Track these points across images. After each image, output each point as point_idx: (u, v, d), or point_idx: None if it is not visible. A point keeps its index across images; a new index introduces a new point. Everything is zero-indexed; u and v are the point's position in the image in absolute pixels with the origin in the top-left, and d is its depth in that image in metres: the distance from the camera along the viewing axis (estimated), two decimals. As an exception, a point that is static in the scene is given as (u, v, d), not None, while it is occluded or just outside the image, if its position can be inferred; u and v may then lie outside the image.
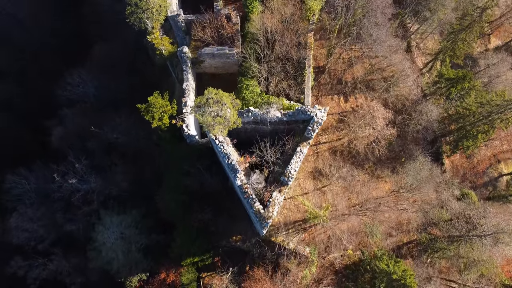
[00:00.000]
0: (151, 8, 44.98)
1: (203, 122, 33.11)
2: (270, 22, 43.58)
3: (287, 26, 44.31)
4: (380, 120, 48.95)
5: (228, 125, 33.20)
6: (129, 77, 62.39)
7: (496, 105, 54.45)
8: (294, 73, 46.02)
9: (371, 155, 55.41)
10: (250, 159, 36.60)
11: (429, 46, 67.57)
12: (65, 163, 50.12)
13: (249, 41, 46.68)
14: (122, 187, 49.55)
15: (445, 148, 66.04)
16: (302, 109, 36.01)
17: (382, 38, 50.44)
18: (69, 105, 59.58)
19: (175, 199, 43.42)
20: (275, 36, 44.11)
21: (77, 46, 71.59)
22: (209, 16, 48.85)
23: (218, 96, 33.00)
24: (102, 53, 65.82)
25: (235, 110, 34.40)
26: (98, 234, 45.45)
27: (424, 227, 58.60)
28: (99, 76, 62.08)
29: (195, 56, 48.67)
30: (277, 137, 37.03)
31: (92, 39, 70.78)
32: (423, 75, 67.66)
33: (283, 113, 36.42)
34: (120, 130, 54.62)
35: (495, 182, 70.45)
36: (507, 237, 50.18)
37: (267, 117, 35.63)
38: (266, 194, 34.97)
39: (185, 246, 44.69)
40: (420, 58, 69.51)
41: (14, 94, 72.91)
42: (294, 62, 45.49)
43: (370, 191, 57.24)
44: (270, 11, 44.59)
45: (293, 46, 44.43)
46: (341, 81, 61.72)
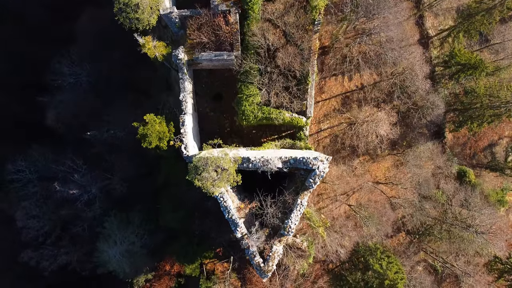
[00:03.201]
0: (141, 16, 40.80)
1: (202, 187, 32.37)
2: (271, 35, 39.98)
3: (289, 39, 40.77)
4: (384, 126, 47.49)
5: (227, 184, 32.52)
6: (124, 58, 58.75)
7: (506, 102, 52.59)
8: (296, 84, 43.52)
9: (372, 151, 55.18)
10: (251, 206, 36.51)
11: (443, 21, 62.58)
12: (64, 168, 49.73)
13: (249, 48, 43.29)
14: (122, 192, 49.87)
15: (449, 125, 65.26)
16: (304, 160, 34.86)
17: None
18: (60, 91, 57.06)
19: (175, 218, 44.13)
20: (277, 47, 40.84)
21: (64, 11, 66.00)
22: (205, 13, 44.58)
23: (218, 161, 31.72)
24: (92, 27, 60.65)
25: (236, 165, 33.39)
26: (103, 245, 47.07)
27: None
28: (90, 57, 58.36)
29: (191, 58, 45.53)
30: (278, 188, 36.47)
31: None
32: (433, 44, 63.89)
33: (284, 160, 35.31)
34: (116, 123, 53.34)
35: (494, 153, 70.81)
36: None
37: (267, 169, 34.68)
38: (266, 246, 35.58)
39: (187, 253, 46.63)
40: (432, 22, 64.41)
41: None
42: (296, 74, 42.75)
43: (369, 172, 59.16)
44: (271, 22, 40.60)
45: (296, 59, 41.35)
46: (345, 59, 58.69)
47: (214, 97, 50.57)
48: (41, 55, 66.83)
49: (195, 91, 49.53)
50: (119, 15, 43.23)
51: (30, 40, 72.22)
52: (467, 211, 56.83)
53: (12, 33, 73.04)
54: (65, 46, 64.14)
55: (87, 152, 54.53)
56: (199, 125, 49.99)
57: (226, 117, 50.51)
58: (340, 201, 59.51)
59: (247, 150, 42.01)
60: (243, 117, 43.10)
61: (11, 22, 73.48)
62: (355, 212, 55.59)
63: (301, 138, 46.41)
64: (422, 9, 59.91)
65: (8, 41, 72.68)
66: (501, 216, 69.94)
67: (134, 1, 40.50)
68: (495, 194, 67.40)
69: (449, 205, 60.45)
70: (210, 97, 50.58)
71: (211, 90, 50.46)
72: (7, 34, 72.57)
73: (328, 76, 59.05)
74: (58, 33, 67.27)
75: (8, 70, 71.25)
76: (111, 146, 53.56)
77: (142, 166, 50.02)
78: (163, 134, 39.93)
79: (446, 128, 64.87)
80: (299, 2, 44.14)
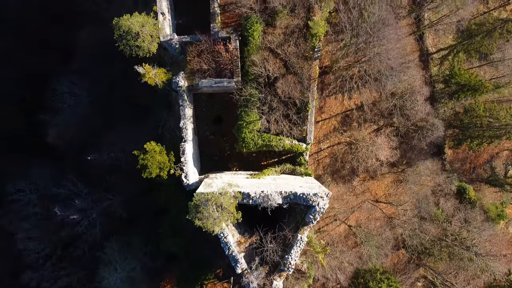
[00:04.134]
0: (141, 44, 40.78)
1: (202, 226, 32.48)
2: (272, 65, 40.00)
3: (290, 68, 40.79)
4: (384, 151, 47.57)
5: (228, 221, 32.65)
6: (124, 74, 58.72)
7: (506, 124, 52.66)
8: (296, 112, 43.57)
9: (372, 172, 55.32)
10: (251, 240, 36.67)
11: (443, 40, 62.56)
12: (65, 190, 49.82)
13: (249, 75, 43.31)
14: (122, 215, 50.01)
15: (448, 142, 65.30)
16: (304, 196, 34.96)
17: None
18: (60, 111, 57.09)
19: (176, 243, 44.31)
20: (277, 76, 40.87)
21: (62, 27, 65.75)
22: (205, 40, 44.58)
23: (218, 200, 31.80)
24: (92, 43, 60.62)
25: (236, 202, 33.52)
26: (104, 272, 47.25)
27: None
28: (90, 74, 58.34)
29: (191, 84, 45.55)
30: (278, 224, 36.60)
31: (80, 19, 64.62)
32: (433, 61, 63.85)
33: (284, 196, 35.42)
34: (117, 143, 53.40)
35: (494, 167, 70.83)
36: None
37: (267, 205, 34.81)
38: (266, 282, 35.77)
39: (187, 278, 46.84)
40: (432, 40, 64.48)
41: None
42: (296, 103, 42.81)
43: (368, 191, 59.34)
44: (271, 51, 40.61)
45: (296, 87, 41.37)
46: (345, 81, 58.73)
47: (214, 120, 50.58)
48: (41, 68, 66.93)
49: (195, 114, 49.56)
50: (119, 41, 43.16)
51: (30, 52, 72.06)
52: (467, 231, 56.97)
53: (12, 46, 72.76)
54: (65, 62, 64.32)
55: (87, 172, 54.55)
56: (199, 148, 50.05)
57: (226, 140, 50.53)
58: (339, 220, 59.70)
59: (246, 179, 42.09)
60: (243, 144, 43.18)
61: (10, 33, 73.16)
62: (355, 234, 55.76)
63: (301, 163, 46.49)
64: (422, 28, 59.86)
65: (7, 54, 72.47)
66: (501, 229, 70.36)
67: (134, 29, 40.48)
68: (494, 209, 67.56)
69: (449, 224, 60.62)
70: (210, 120, 50.59)
71: (211, 113, 50.47)
72: (6, 46, 72.35)
73: (328, 95, 59.07)
74: (58, 46, 67.15)
75: (8, 84, 71.14)
76: (111, 166, 53.60)
77: (142, 184, 49.84)
78: (164, 164, 40.03)
79: (446, 144, 64.88)
80: (299, 29, 44.21)
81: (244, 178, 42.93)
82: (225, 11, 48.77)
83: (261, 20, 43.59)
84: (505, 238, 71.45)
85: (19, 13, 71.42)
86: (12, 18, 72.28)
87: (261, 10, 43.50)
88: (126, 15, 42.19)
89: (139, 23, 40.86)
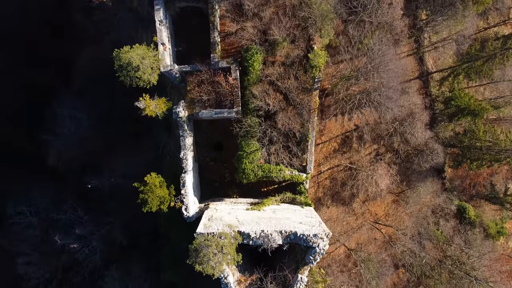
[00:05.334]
0: (141, 76, 40.81)
1: (203, 271, 32.57)
2: (272, 99, 40.06)
3: (290, 100, 40.88)
4: (385, 180, 47.69)
5: (228, 263, 32.78)
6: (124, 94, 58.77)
7: (506, 150, 52.72)
8: (297, 143, 43.65)
9: (373, 197, 55.48)
10: (251, 279, 36.77)
11: (443, 61, 62.55)
12: (66, 216, 49.92)
13: (249, 106, 43.38)
14: (123, 243, 50.14)
15: (448, 161, 65.30)
16: (304, 237, 35.04)
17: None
18: (61, 135, 57.22)
19: (176, 273, 44.42)
20: (277, 110, 40.95)
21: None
22: (205, 70, 44.61)
23: (218, 245, 31.89)
24: (91, 65, 60.67)
25: (236, 243, 33.63)
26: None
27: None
28: (90, 95, 58.45)
29: (192, 113, 45.61)
30: (278, 265, 36.69)
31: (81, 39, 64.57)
32: (433, 80, 63.80)
33: (284, 236, 35.51)
34: (117, 167, 53.52)
35: (494, 184, 70.82)
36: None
37: (267, 246, 34.91)
38: None
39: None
40: (432, 62, 64.63)
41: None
42: (296, 135, 42.89)
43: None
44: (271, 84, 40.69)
45: (296, 120, 41.44)
46: (346, 101, 58.78)
47: (214, 146, 50.64)
48: (41, 86, 67.04)
49: (195, 141, 49.61)
50: (119, 72, 43.17)
51: (30, 69, 72.00)
52: (467, 256, 57.08)
53: (11, 62, 72.50)
54: (66, 81, 64.35)
55: (87, 196, 54.65)
56: (199, 175, 50.12)
57: (227, 167, 50.59)
58: (339, 242, 59.81)
59: (246, 210, 42.23)
60: (244, 175, 43.29)
61: (10, 49, 72.93)
62: (355, 257, 55.89)
63: (301, 191, 46.60)
64: (422, 49, 59.86)
65: (8, 68, 72.27)
66: (501, 244, 70.45)
67: (134, 63, 40.49)
68: (494, 226, 67.60)
69: (449, 245, 60.76)
70: (210, 147, 50.66)
71: (211, 140, 50.54)
72: (6, 62, 72.16)
73: (328, 117, 59.03)
74: (58, 64, 67.06)
75: (8, 101, 71.07)
76: (111, 192, 53.73)
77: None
78: (164, 199, 40.07)
79: (446, 164, 64.92)
80: (299, 60, 44.25)
81: (244, 209, 43.04)
82: (225, 38, 48.76)
83: (261, 49, 43.59)
84: (505, 253, 71.84)
85: (19, 28, 71.46)
86: (12, 33, 72.24)
87: (261, 41, 43.49)
88: (126, 46, 42.17)
89: (139, 56, 40.88)
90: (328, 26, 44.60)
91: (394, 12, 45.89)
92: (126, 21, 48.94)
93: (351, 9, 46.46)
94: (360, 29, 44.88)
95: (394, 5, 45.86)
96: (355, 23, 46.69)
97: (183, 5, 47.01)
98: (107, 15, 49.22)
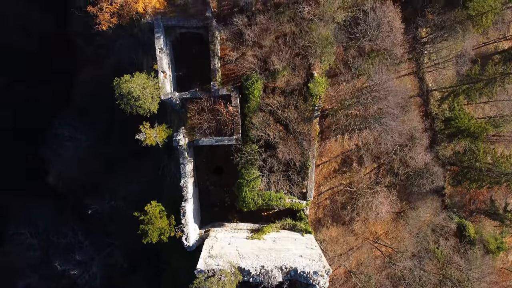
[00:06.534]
0: (142, 105, 40.82)
1: None
2: (272, 131, 40.10)
3: (290, 130, 40.92)
4: (385, 207, 47.81)
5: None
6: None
7: (506, 173, 52.76)
8: (297, 172, 43.72)
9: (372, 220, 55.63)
10: None
11: (443, 80, 62.54)
12: (66, 240, 49.96)
13: (249, 135, 43.40)
14: (123, 266, 50.20)
15: (448, 179, 65.37)
16: (304, 275, 35.14)
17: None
18: (61, 155, 57.22)
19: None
20: (278, 141, 41.00)
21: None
22: (205, 98, 44.63)
23: (219, 286, 31.97)
24: (90, 85, 60.66)
25: (236, 281, 33.72)
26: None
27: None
28: (90, 116, 58.50)
29: (192, 140, 45.64)
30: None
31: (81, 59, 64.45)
32: (433, 97, 63.80)
33: (285, 272, 35.59)
34: (118, 189, 53.58)
35: (494, 200, 70.95)
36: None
37: (268, 284, 35.01)
38: None
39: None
40: (433, 82, 64.61)
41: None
42: (296, 164, 42.96)
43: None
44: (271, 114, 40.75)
45: (296, 150, 41.48)
46: (346, 123, 58.78)
47: (215, 170, 50.66)
48: (42, 101, 67.00)
49: (196, 165, 49.63)
50: (120, 100, 43.19)
51: (30, 83, 72.00)
52: (466, 275, 57.18)
53: (12, 80, 72.64)
54: (66, 100, 64.27)
55: (87, 217, 54.59)
56: (199, 199, 50.15)
57: (227, 191, 50.59)
58: (339, 263, 59.89)
59: (246, 239, 42.30)
60: (244, 204, 43.38)
61: (12, 66, 72.91)
62: (355, 280, 56.02)
63: (301, 217, 46.68)
64: (422, 70, 59.87)
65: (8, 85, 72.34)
66: (500, 258, 70.57)
67: (135, 93, 40.48)
68: (494, 241, 67.71)
69: (449, 265, 60.87)
70: (210, 171, 50.67)
71: (211, 164, 50.52)
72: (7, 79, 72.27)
73: (328, 137, 59.00)
74: (58, 84, 67.14)
75: (9, 118, 71.05)
76: (112, 214, 53.80)
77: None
78: (164, 230, 40.12)
79: (446, 181, 64.99)
80: (299, 88, 44.28)
81: (244, 237, 43.15)
82: (225, 64, 48.64)
83: (261, 77, 43.60)
84: (505, 266, 72.10)
85: (20, 45, 71.43)
86: (12, 50, 72.23)
87: (262, 70, 43.50)
88: (127, 75, 42.17)
89: (140, 86, 40.88)
90: (328, 53, 44.67)
91: (394, 39, 45.85)
92: (127, 47, 48.92)
93: (351, 35, 46.50)
94: (360, 57, 44.95)
95: (394, 31, 45.82)
96: (355, 49, 46.76)
97: (183, 31, 46.98)
98: (107, 41, 49.17)
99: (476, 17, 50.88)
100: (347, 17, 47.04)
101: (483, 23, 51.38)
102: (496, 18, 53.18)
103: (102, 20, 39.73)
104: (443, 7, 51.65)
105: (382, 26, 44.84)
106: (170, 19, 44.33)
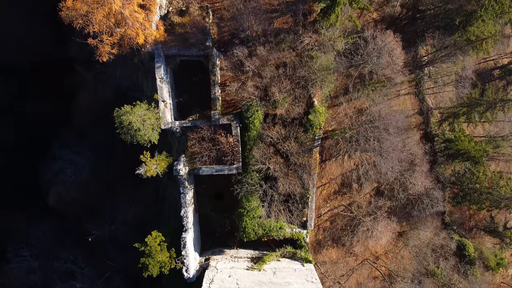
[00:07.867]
0: (142, 135, 40.81)
1: None
2: (273, 164, 40.16)
3: (290, 161, 40.99)
4: (385, 237, 47.93)
5: None
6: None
7: (506, 198, 52.88)
8: (297, 202, 43.81)
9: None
10: None
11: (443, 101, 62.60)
12: (66, 266, 49.99)
13: (250, 166, 43.46)
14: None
15: (448, 199, 65.46)
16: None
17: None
18: (62, 179, 57.26)
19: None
20: (278, 175, 41.08)
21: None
22: (206, 128, 44.63)
23: None
24: (90, 104, 60.51)
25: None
26: None
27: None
28: (90, 144, 58.50)
29: (192, 169, 45.64)
30: None
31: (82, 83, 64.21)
32: (434, 115, 63.82)
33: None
34: (117, 216, 53.67)
35: (493, 217, 71.04)
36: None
37: None
38: None
39: None
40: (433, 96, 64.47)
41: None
42: (297, 197, 43.07)
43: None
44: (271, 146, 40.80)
45: (297, 183, 41.55)
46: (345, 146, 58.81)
47: (215, 195, 50.64)
48: (42, 120, 66.87)
49: (196, 191, 49.64)
50: (120, 130, 43.14)
51: (30, 100, 71.75)
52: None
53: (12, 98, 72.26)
54: (66, 121, 64.17)
55: (88, 243, 54.62)
56: (199, 225, 50.16)
57: (227, 216, 50.62)
58: (339, 284, 60.00)
59: (247, 270, 42.36)
60: (244, 234, 43.43)
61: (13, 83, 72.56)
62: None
63: (302, 245, 46.75)
64: (422, 91, 59.94)
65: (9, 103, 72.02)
66: (500, 272, 70.77)
67: (135, 126, 40.44)
68: (493, 258, 67.93)
69: (450, 286, 61.09)
70: (211, 196, 50.66)
71: (212, 190, 50.50)
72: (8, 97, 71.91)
73: (328, 159, 59.04)
74: (58, 105, 66.90)
75: (10, 137, 70.76)
76: (111, 236, 53.85)
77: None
78: (164, 264, 40.15)
79: (446, 201, 65.14)
80: (300, 117, 44.30)
81: (244, 267, 43.19)
82: (226, 90, 48.58)
83: (261, 105, 43.63)
84: (505, 281, 72.50)
85: (20, 62, 71.29)
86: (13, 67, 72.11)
87: (262, 98, 43.52)
88: (127, 106, 42.14)
89: (140, 118, 40.84)
90: (329, 81, 44.77)
91: (395, 67, 45.88)
92: (127, 73, 48.91)
93: (351, 62, 46.51)
94: (360, 83, 45.02)
95: (395, 59, 45.85)
96: (355, 76, 46.82)
97: (184, 58, 46.97)
98: (108, 69, 49.16)
99: (476, 42, 50.92)
100: (348, 44, 47.09)
101: (483, 48, 51.44)
102: (496, 41, 53.26)
103: (103, 52, 39.63)
104: (444, 32, 51.64)
105: (382, 55, 44.85)
106: (171, 48, 44.31)
